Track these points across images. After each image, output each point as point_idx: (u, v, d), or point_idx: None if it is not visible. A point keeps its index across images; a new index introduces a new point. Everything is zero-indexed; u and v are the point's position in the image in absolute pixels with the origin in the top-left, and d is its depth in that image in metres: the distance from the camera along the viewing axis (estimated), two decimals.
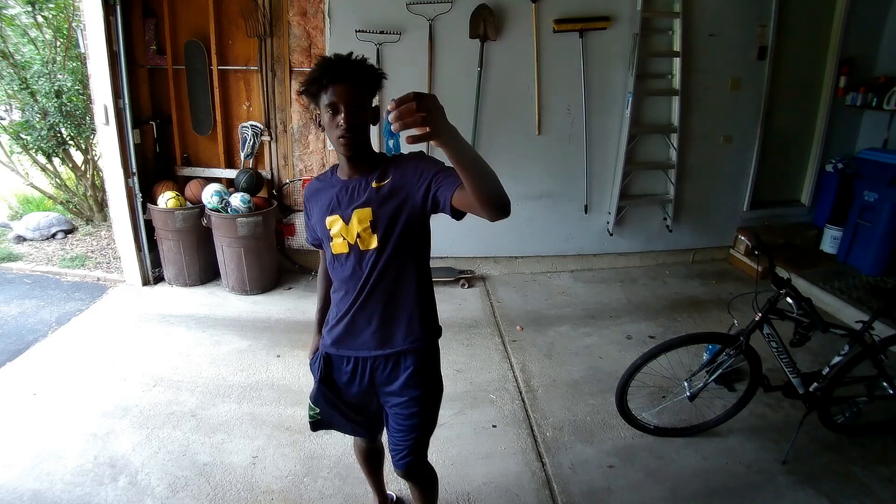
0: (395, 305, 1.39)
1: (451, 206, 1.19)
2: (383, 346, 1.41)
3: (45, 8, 4.59)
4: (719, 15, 3.77)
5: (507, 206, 1.08)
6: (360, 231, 1.32)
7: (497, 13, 3.54)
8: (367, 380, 1.45)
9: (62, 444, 2.25)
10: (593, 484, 2.10)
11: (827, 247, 4.15)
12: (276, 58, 3.69)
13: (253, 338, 3.13)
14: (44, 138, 4.52)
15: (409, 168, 1.30)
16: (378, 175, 1.34)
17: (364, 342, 1.42)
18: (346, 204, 1.34)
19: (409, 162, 1.32)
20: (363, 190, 1.33)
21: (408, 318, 1.39)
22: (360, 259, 1.35)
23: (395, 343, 1.40)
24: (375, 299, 1.38)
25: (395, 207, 1.30)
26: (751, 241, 2.12)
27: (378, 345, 1.41)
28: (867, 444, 2.30)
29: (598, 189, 4.01)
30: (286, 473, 2.12)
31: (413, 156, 1.32)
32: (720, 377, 2.31)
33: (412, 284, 1.38)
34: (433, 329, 1.47)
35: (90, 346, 3.04)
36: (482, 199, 1.05)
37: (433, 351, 1.49)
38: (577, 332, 3.26)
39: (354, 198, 1.33)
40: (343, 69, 1.25)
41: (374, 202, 1.31)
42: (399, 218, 1.31)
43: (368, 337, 1.41)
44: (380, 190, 1.31)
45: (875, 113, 4.02)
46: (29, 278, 3.94)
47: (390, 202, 1.30)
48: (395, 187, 1.30)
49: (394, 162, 1.34)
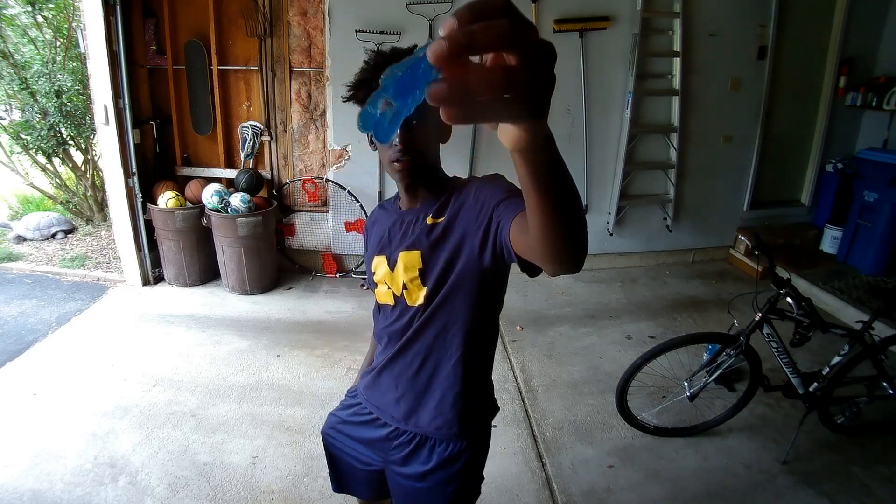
0: (426, 377, 1.08)
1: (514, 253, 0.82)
2: (405, 420, 1.12)
3: (45, 8, 4.59)
4: (719, 15, 3.77)
5: (582, 262, 0.71)
6: (407, 281, 1.02)
7: None
8: (382, 440, 1.17)
9: (62, 444, 2.25)
10: (593, 484, 2.10)
11: (827, 247, 4.15)
12: (276, 58, 3.69)
13: (253, 338, 3.13)
14: (44, 138, 4.52)
15: (470, 196, 0.96)
16: (437, 207, 1.02)
17: (387, 405, 1.15)
18: (396, 243, 1.05)
19: (472, 187, 0.98)
20: (418, 227, 1.03)
21: (440, 397, 1.08)
22: (408, 316, 1.05)
23: (419, 422, 1.10)
24: (406, 362, 1.09)
25: (450, 254, 0.98)
26: (751, 241, 2.13)
27: (402, 417, 1.12)
28: (867, 444, 2.30)
29: (598, 189, 4.01)
30: (286, 473, 2.12)
31: (481, 179, 0.99)
32: (720, 377, 2.31)
33: (455, 357, 1.05)
34: (475, 418, 1.13)
35: (90, 346, 3.04)
36: (554, 252, 0.67)
37: (472, 447, 1.13)
38: (577, 332, 3.26)
39: (406, 236, 1.04)
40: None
41: (425, 244, 1.00)
42: (453, 268, 0.98)
43: (392, 402, 1.13)
44: (434, 228, 1.00)
45: (875, 113, 4.03)
46: (29, 278, 3.94)
47: (443, 246, 0.98)
48: (450, 224, 0.98)
49: (459, 188, 1.02)
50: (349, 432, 1.24)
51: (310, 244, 4.03)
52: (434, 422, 1.09)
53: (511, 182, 0.90)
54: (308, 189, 3.90)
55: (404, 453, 1.13)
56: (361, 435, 1.22)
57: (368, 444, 1.21)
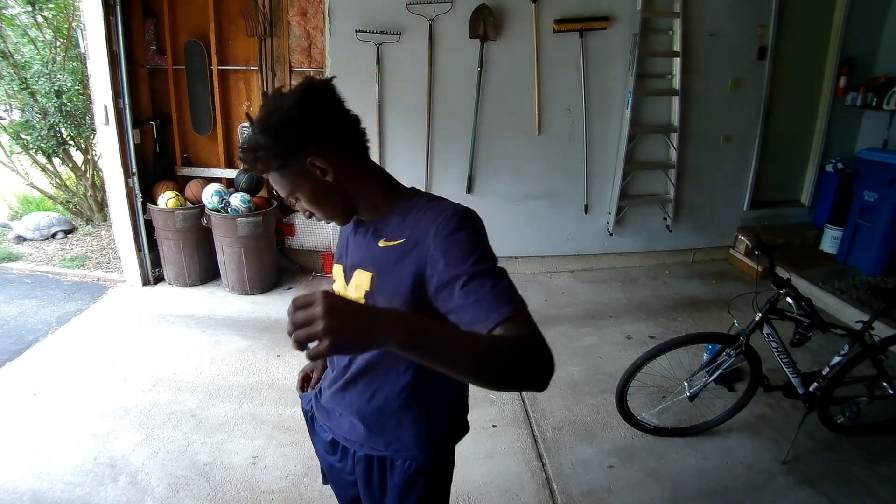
0: (378, 404, 1.03)
1: None
2: (361, 444, 1.08)
3: (45, 8, 4.59)
4: (719, 15, 3.76)
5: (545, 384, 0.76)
6: (355, 298, 0.97)
7: (497, 13, 3.54)
8: (349, 468, 1.14)
9: (62, 444, 2.25)
10: (593, 484, 2.10)
11: (827, 247, 4.15)
12: (276, 58, 3.69)
13: (253, 338, 3.13)
14: (44, 138, 4.52)
15: (430, 237, 0.88)
16: (391, 226, 0.95)
17: (342, 428, 1.11)
18: (351, 256, 1.01)
19: (431, 224, 0.89)
20: (371, 245, 0.97)
21: (396, 423, 1.04)
22: None
23: (375, 445, 1.07)
24: (357, 391, 1.04)
25: (396, 283, 0.92)
26: (751, 241, 2.12)
27: (358, 440, 1.08)
28: (867, 444, 2.30)
29: (598, 189, 4.01)
30: (286, 473, 2.12)
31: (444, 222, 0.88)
32: (720, 377, 2.31)
33: (404, 381, 1.00)
34: (436, 439, 1.08)
35: (90, 346, 3.04)
36: (507, 390, 0.77)
37: (435, 466, 1.09)
38: (577, 332, 3.26)
39: (361, 251, 0.99)
40: (252, 166, 0.89)
41: (376, 268, 0.95)
42: (395, 298, 0.92)
43: (347, 427, 1.09)
44: (386, 253, 0.94)
45: (875, 113, 4.02)
46: (29, 278, 3.94)
47: (395, 272, 0.92)
48: (403, 255, 0.91)
49: (417, 209, 0.94)
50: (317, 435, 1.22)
51: (310, 244, 4.03)
52: (392, 445, 1.06)
53: (478, 238, 0.88)
54: None
55: (365, 473, 1.10)
56: (320, 448, 1.22)
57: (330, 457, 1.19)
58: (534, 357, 0.77)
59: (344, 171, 0.92)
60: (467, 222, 0.89)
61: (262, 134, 0.87)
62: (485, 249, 0.88)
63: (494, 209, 3.88)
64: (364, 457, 1.09)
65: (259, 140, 0.87)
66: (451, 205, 0.92)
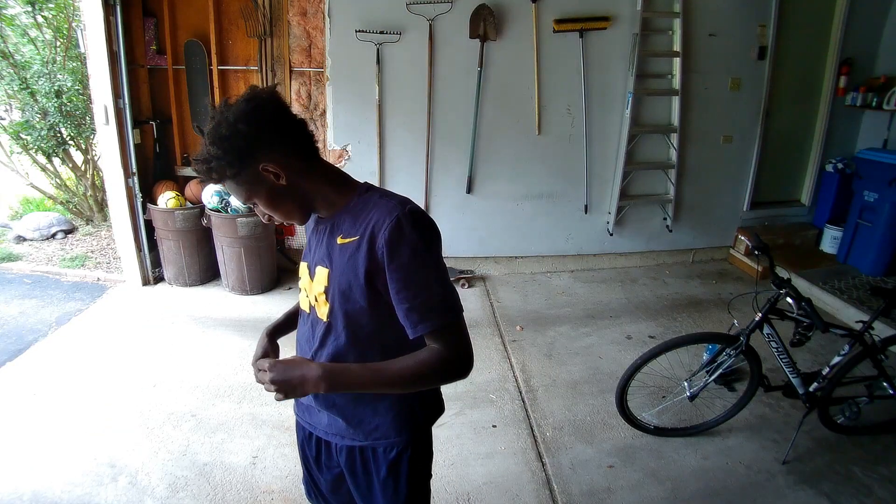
0: (351, 399, 1.08)
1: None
2: (343, 436, 1.12)
3: (45, 8, 4.59)
4: (719, 15, 3.77)
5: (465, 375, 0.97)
6: (317, 294, 1.03)
7: (497, 13, 3.54)
8: (335, 465, 1.17)
9: (62, 444, 2.25)
10: (593, 484, 2.10)
11: (827, 247, 4.15)
12: (276, 58, 3.69)
13: (253, 338, 3.09)
14: (44, 138, 4.52)
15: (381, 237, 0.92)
16: (347, 223, 0.99)
17: (321, 423, 1.14)
18: (314, 252, 1.06)
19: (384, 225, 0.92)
20: (329, 242, 1.01)
21: (372, 410, 1.08)
22: (314, 328, 1.07)
23: (356, 436, 1.10)
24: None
25: (353, 277, 0.97)
26: (751, 241, 2.13)
27: (338, 432, 1.12)
28: (867, 444, 2.30)
29: (598, 189, 4.01)
30: (286, 473, 2.12)
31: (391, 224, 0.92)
32: (720, 377, 2.32)
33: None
34: (414, 421, 1.11)
35: (90, 346, 3.04)
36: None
37: (415, 448, 1.12)
38: (577, 332, 3.26)
39: (322, 248, 1.03)
40: (207, 177, 0.93)
41: (335, 264, 1.00)
42: (350, 291, 0.98)
43: (327, 421, 1.13)
44: (343, 250, 0.98)
45: (875, 113, 4.02)
46: (29, 278, 3.94)
47: (349, 268, 0.97)
48: (356, 253, 0.96)
49: (368, 210, 0.97)
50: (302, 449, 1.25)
51: None
52: (372, 435, 1.09)
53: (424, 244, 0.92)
54: None
55: (348, 465, 1.13)
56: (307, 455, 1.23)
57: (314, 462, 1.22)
58: (447, 371, 0.96)
59: (296, 173, 0.96)
60: (412, 228, 0.92)
61: (212, 145, 0.90)
62: (426, 258, 0.94)
63: (494, 209, 3.88)
64: (346, 448, 1.12)
65: (210, 151, 0.90)
66: (398, 204, 0.95)
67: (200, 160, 0.91)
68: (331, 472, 1.20)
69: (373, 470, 1.11)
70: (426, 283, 0.93)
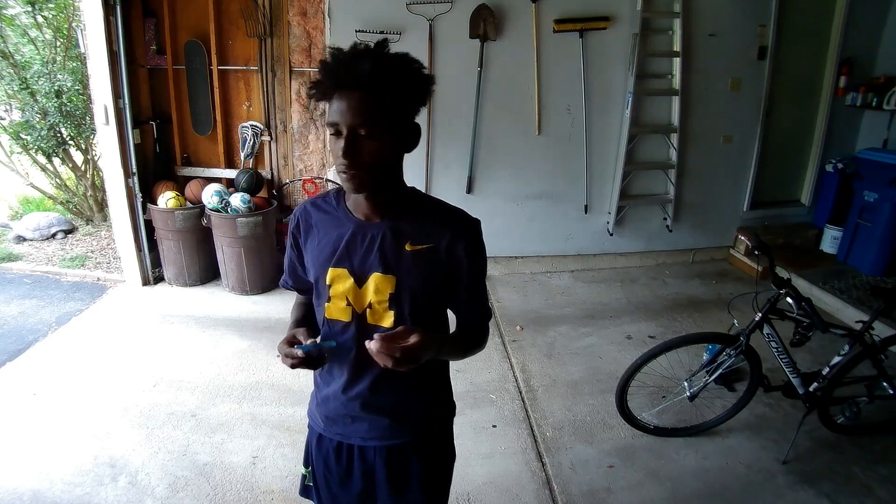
0: (401, 396, 1.08)
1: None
2: (384, 439, 1.10)
3: (45, 8, 4.58)
4: (719, 15, 3.76)
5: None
6: (375, 302, 0.99)
7: (497, 13, 3.54)
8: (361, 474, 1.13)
9: (62, 444, 2.26)
10: (593, 484, 2.10)
11: (827, 247, 4.15)
12: (276, 58, 3.69)
13: (253, 338, 3.13)
14: (44, 138, 4.52)
15: (461, 251, 0.99)
16: (415, 231, 0.99)
17: (362, 431, 1.11)
18: (360, 258, 0.99)
19: (462, 241, 1.00)
20: (391, 246, 0.98)
21: (418, 405, 1.11)
22: (363, 335, 0.98)
23: (403, 433, 1.10)
24: (373, 387, 1.05)
25: (428, 284, 1.00)
26: (751, 241, 2.13)
27: (382, 436, 1.10)
28: (867, 444, 2.30)
29: (598, 189, 4.01)
30: (286, 473, 2.12)
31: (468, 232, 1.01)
32: (720, 377, 2.31)
33: (425, 371, 1.02)
34: (446, 415, 1.19)
35: (90, 346, 3.04)
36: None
37: (446, 438, 1.20)
38: (577, 332, 3.26)
39: (375, 254, 0.98)
40: (357, 72, 0.84)
41: (403, 271, 0.98)
42: (431, 297, 1.02)
43: (367, 427, 1.10)
44: (415, 257, 0.98)
45: (875, 113, 4.02)
46: (29, 278, 3.94)
47: (423, 276, 0.99)
48: (434, 259, 0.99)
49: (437, 217, 1.01)
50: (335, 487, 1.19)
51: None
52: (416, 430, 1.11)
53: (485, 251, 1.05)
54: (308, 189, 3.90)
55: (386, 466, 1.11)
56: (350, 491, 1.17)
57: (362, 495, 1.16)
58: (482, 344, 1.13)
59: (405, 148, 0.96)
60: (481, 238, 1.04)
61: (407, 65, 0.88)
62: (486, 263, 1.08)
63: (494, 209, 3.88)
64: (385, 449, 1.11)
65: (402, 66, 0.88)
66: (465, 214, 1.03)
67: (401, 63, 0.88)
68: (354, 483, 1.15)
69: (413, 462, 1.12)
70: (484, 288, 1.11)
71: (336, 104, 0.87)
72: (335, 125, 0.88)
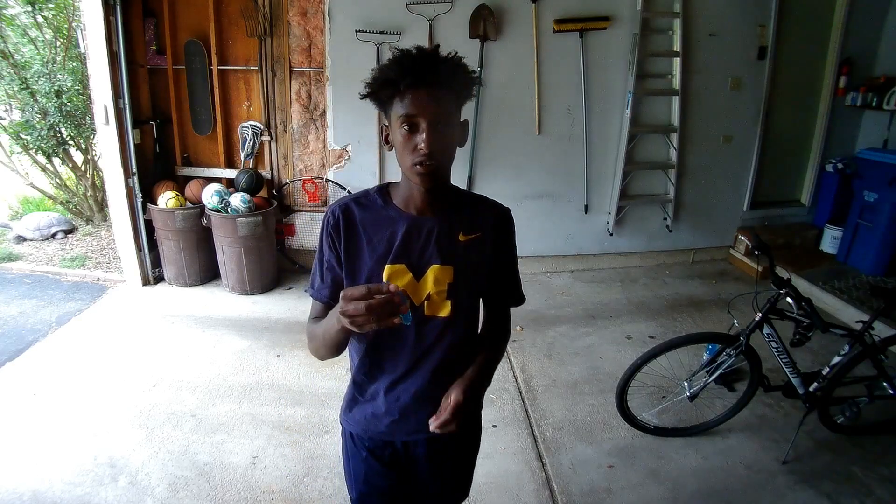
0: (446, 383, 1.06)
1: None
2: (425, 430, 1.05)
3: (45, 8, 4.58)
4: (719, 15, 3.77)
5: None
6: (434, 293, 1.03)
7: (497, 13, 3.54)
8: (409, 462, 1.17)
9: (62, 444, 2.25)
10: (593, 484, 2.10)
11: (827, 247, 4.15)
12: (276, 58, 3.69)
13: (253, 338, 3.13)
14: (44, 138, 4.52)
15: (502, 237, 1.11)
16: (465, 221, 1.05)
17: (411, 426, 1.12)
18: (419, 253, 1.02)
19: (502, 228, 1.11)
20: (445, 238, 1.03)
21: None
22: (420, 328, 1.05)
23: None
24: (431, 379, 1.08)
25: (480, 271, 1.08)
26: (751, 241, 2.13)
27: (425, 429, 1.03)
28: (867, 444, 2.30)
29: (598, 189, 4.01)
30: (286, 473, 2.12)
31: (506, 218, 1.12)
32: (720, 377, 2.31)
33: (466, 354, 1.09)
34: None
35: (90, 346, 3.04)
36: None
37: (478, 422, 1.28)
38: (577, 332, 3.26)
39: (432, 247, 1.02)
40: (432, 70, 0.91)
41: (460, 261, 1.04)
42: (478, 285, 1.10)
43: (413, 424, 1.12)
44: (468, 247, 1.05)
45: (875, 113, 4.03)
46: (29, 278, 3.94)
47: (475, 264, 1.06)
48: (483, 247, 1.07)
49: (480, 208, 1.10)
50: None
51: (310, 244, 4.03)
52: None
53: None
54: (308, 189, 3.90)
55: (429, 454, 1.17)
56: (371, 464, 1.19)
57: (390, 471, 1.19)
58: (508, 336, 1.19)
59: (461, 146, 1.04)
60: (513, 223, 1.14)
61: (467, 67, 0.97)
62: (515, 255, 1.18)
63: None
64: (425, 440, 1.15)
65: (466, 68, 0.96)
66: (499, 203, 1.13)
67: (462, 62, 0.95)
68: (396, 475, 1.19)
69: (452, 449, 1.19)
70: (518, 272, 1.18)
71: (412, 99, 0.91)
72: (412, 118, 0.92)
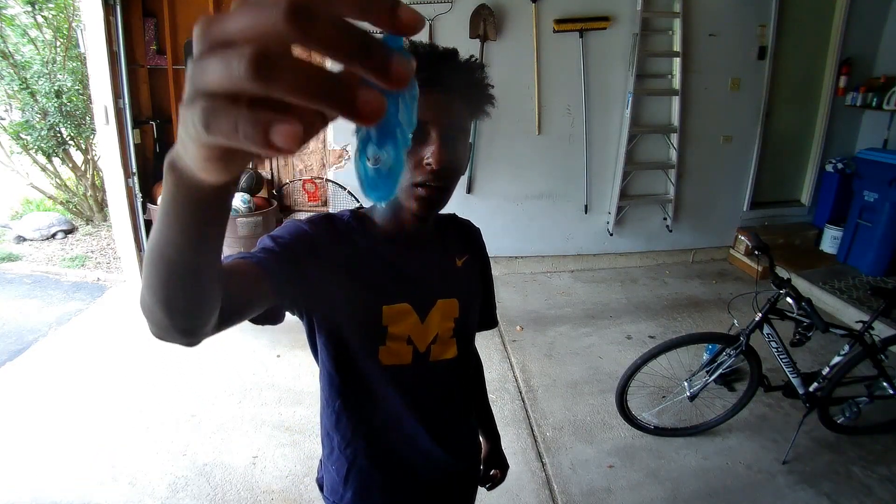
0: (460, 424, 0.99)
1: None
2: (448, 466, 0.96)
3: (45, 8, 4.59)
4: (719, 15, 3.76)
5: None
6: (441, 332, 0.85)
7: (497, 13, 3.54)
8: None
9: (62, 444, 2.25)
10: (593, 484, 2.10)
11: (827, 247, 4.15)
12: None
13: (253, 338, 3.13)
14: (44, 138, 4.52)
15: (485, 256, 0.99)
16: (454, 244, 0.91)
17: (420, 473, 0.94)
18: (420, 288, 0.83)
19: (481, 245, 0.99)
20: (446, 268, 0.87)
21: (468, 430, 1.04)
22: (432, 375, 0.87)
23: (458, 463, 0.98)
24: (439, 424, 0.90)
25: (477, 296, 0.96)
26: (751, 241, 2.13)
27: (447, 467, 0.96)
28: (867, 444, 2.30)
29: (598, 189, 4.01)
30: (286, 473, 2.12)
31: (479, 235, 1.00)
32: (720, 377, 2.32)
33: (465, 388, 0.99)
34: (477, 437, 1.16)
35: (90, 346, 3.04)
36: None
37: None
38: (577, 332, 3.26)
39: (435, 280, 0.85)
40: (450, 70, 0.73)
41: (461, 290, 0.88)
42: (474, 315, 0.95)
43: (430, 469, 0.94)
44: (465, 272, 0.90)
45: (875, 113, 4.02)
46: (29, 278, 3.94)
47: (473, 292, 0.94)
48: (474, 270, 0.94)
49: (457, 226, 0.96)
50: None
51: None
52: (475, 456, 1.09)
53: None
54: (308, 189, 3.90)
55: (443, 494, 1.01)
56: None
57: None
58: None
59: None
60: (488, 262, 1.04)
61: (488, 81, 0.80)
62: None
63: (494, 209, 3.89)
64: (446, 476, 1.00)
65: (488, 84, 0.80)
66: (467, 219, 1.02)
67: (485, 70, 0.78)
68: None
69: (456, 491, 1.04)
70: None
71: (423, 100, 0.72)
72: (420, 124, 0.68)
